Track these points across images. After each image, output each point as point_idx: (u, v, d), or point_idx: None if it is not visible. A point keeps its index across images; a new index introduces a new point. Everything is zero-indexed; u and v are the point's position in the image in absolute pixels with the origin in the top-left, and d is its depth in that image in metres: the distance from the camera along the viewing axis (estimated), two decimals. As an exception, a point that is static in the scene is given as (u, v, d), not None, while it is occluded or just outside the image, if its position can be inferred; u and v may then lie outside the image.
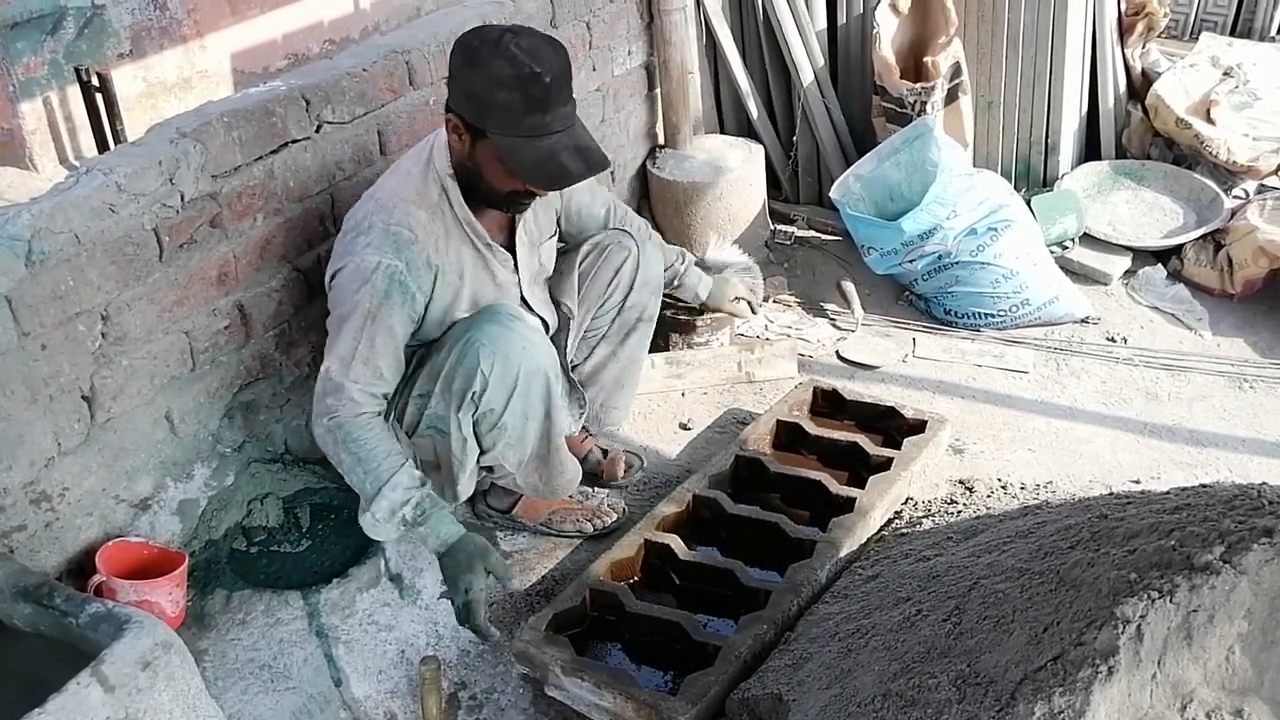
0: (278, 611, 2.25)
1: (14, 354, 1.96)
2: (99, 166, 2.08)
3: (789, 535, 2.48)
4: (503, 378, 2.18)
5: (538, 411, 2.28)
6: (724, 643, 2.19)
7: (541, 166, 2.07)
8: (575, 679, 2.13)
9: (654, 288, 2.64)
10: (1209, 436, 2.96)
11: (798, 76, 3.73)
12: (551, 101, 2.04)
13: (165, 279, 2.20)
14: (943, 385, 3.17)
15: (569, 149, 2.08)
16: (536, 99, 2.02)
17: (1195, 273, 3.51)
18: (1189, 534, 1.73)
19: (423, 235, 2.17)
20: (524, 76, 2.00)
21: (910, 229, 3.25)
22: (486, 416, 2.23)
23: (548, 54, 2.04)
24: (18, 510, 2.04)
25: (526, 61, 2.00)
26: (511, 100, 2.02)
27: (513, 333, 2.20)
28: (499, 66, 2.01)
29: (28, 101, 4.44)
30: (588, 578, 2.36)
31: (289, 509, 2.49)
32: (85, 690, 1.64)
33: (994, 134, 3.79)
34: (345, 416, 2.11)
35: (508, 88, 2.01)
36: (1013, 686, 1.68)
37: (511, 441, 2.29)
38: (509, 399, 2.21)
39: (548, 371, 2.26)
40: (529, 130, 2.04)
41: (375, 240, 2.12)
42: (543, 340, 2.28)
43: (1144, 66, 3.90)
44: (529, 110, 2.03)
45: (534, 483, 2.46)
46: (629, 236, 2.57)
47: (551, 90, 2.04)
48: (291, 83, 2.41)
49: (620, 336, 2.65)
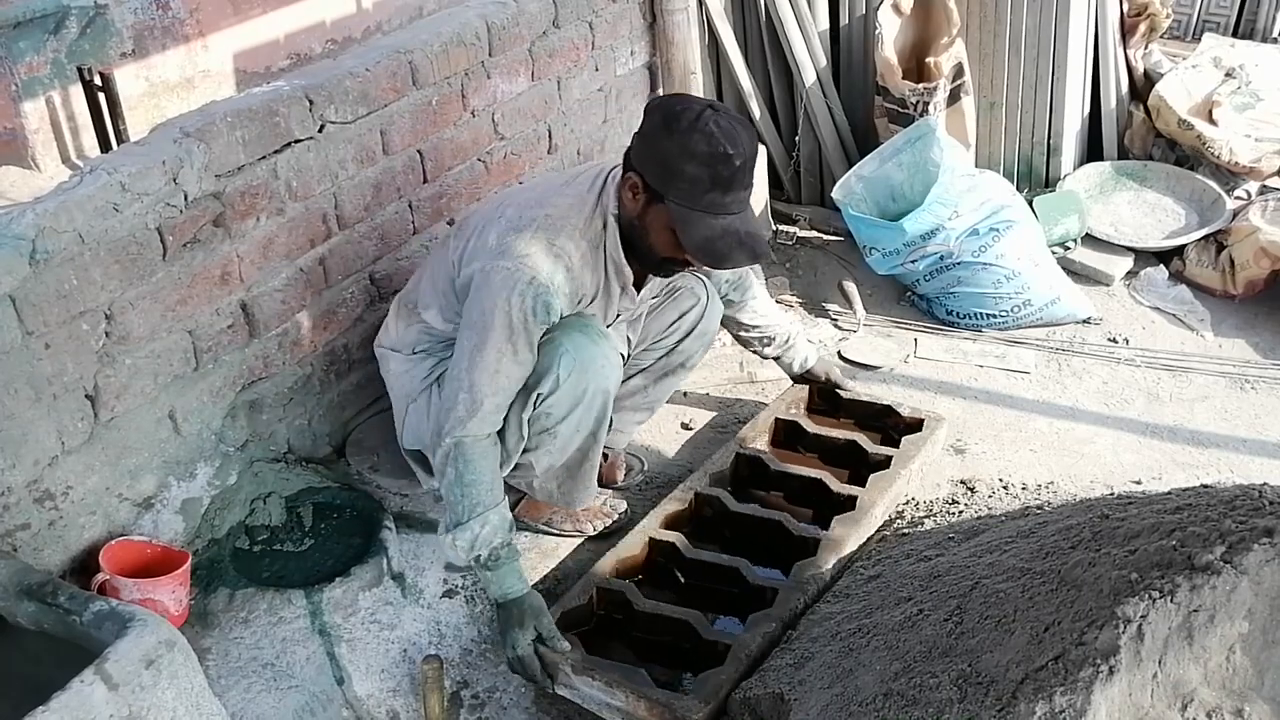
0: (280, 610, 2.25)
1: (18, 353, 1.96)
2: (103, 166, 2.09)
3: (792, 533, 2.49)
4: (573, 388, 2.20)
5: (588, 429, 2.30)
6: (734, 641, 2.20)
7: (711, 244, 2.11)
8: (586, 678, 2.13)
9: (707, 341, 2.67)
10: (1210, 437, 2.97)
11: (800, 77, 3.73)
12: (735, 184, 2.08)
13: (169, 278, 2.21)
14: (944, 386, 3.17)
15: (739, 233, 2.11)
16: (723, 179, 2.06)
17: (1197, 273, 3.51)
18: (1190, 534, 1.73)
19: (578, 266, 2.18)
20: (717, 155, 2.04)
21: (912, 229, 3.26)
22: (542, 418, 2.24)
23: (743, 138, 2.08)
24: (22, 509, 2.05)
25: (722, 141, 2.04)
26: (699, 175, 2.05)
27: (597, 348, 2.21)
28: (696, 140, 2.04)
29: (30, 101, 4.44)
30: (594, 576, 2.36)
31: (292, 508, 2.49)
32: (89, 688, 1.65)
33: (996, 134, 3.79)
34: (474, 435, 2.15)
35: (699, 162, 2.05)
36: (1014, 686, 1.68)
37: (554, 449, 2.31)
38: (571, 409, 2.23)
39: (610, 394, 2.28)
40: (707, 207, 2.08)
41: (536, 254, 2.12)
42: (619, 363, 2.31)
43: (1146, 67, 3.91)
44: (713, 188, 2.07)
45: (551, 489, 2.46)
46: (702, 286, 2.60)
47: (738, 174, 2.08)
48: (295, 83, 2.41)
49: (658, 375, 2.67)
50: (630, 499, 2.73)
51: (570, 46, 3.14)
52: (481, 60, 2.81)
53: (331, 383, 2.67)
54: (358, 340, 2.69)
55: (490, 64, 2.84)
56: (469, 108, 2.82)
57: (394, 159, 2.65)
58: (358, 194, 2.58)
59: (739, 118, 2.13)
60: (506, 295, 2.10)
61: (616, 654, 2.29)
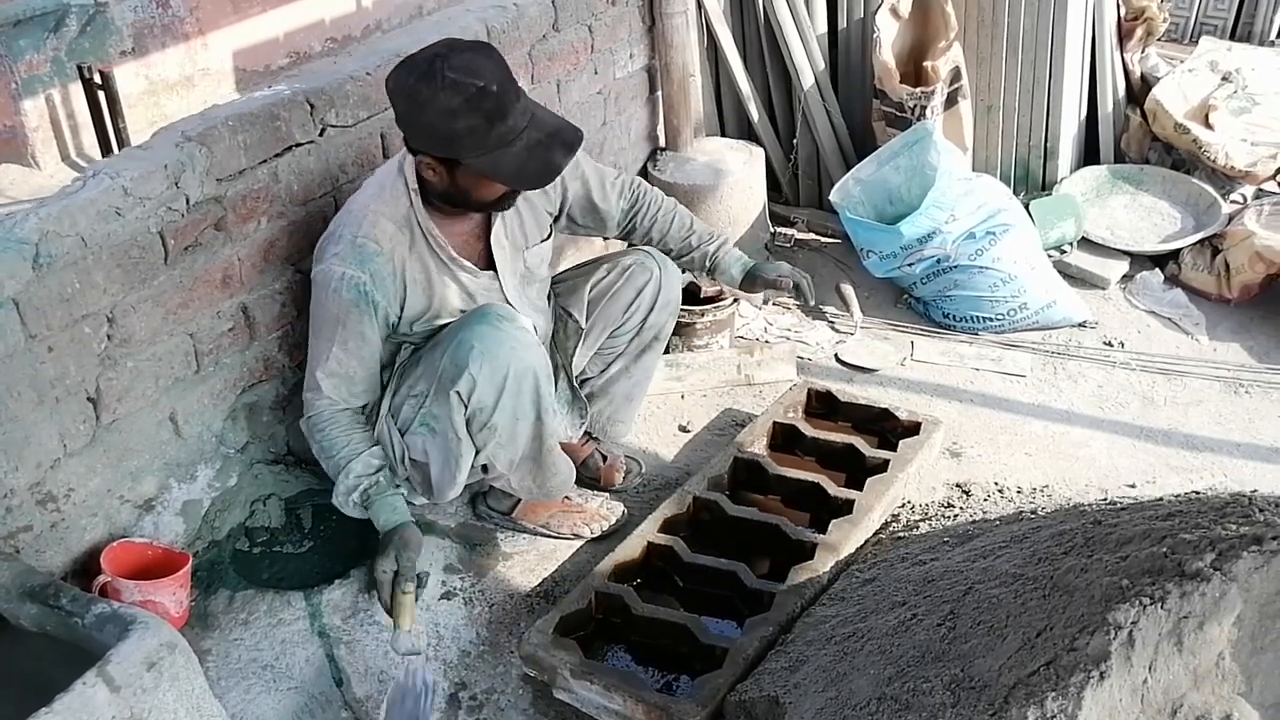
0: (280, 612, 2.27)
1: (21, 356, 1.98)
2: (105, 170, 2.10)
3: (790, 537, 2.50)
4: (491, 377, 2.20)
5: (528, 413, 2.30)
6: (731, 645, 2.21)
7: (526, 169, 2.13)
8: (584, 681, 2.15)
9: (672, 310, 2.67)
10: (1204, 441, 2.99)
11: (798, 80, 3.75)
12: (506, 107, 2.07)
13: (170, 282, 2.22)
14: (941, 388, 3.19)
15: (543, 140, 2.12)
16: (493, 111, 2.05)
17: (1192, 277, 3.53)
18: (1181, 541, 1.75)
19: (388, 247, 2.22)
20: (472, 94, 2.03)
21: (909, 233, 3.27)
22: (477, 416, 2.25)
23: (481, 63, 2.06)
24: (24, 511, 2.06)
25: (469, 81, 2.02)
26: (474, 124, 2.05)
27: (501, 333, 2.21)
28: (445, 98, 2.03)
29: (30, 99, 4.46)
30: (593, 580, 2.38)
31: (291, 510, 2.51)
32: (91, 690, 1.67)
33: (993, 138, 3.81)
34: (318, 410, 2.27)
35: (463, 114, 2.04)
36: (1006, 691, 1.70)
37: (502, 442, 2.31)
38: (498, 398, 2.23)
39: (538, 373, 2.27)
40: (499, 139, 2.08)
41: (343, 251, 2.20)
42: (533, 342, 2.30)
43: (1143, 71, 3.92)
44: (492, 124, 2.06)
45: (527, 485, 2.48)
46: (651, 258, 2.59)
47: (501, 96, 2.06)
48: (296, 86, 2.42)
49: (635, 355, 2.68)
50: (628, 501, 2.75)
51: (570, 49, 3.15)
52: (481, 64, 2.82)
53: (331, 384, 2.68)
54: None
55: (490, 67, 2.85)
56: (469, 111, 2.83)
57: (394, 162, 2.66)
58: (358, 197, 2.59)
59: (468, 45, 2.11)
60: (324, 295, 2.22)
61: (615, 658, 2.32)
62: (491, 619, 2.43)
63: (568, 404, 2.63)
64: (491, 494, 2.64)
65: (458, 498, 2.48)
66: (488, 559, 2.58)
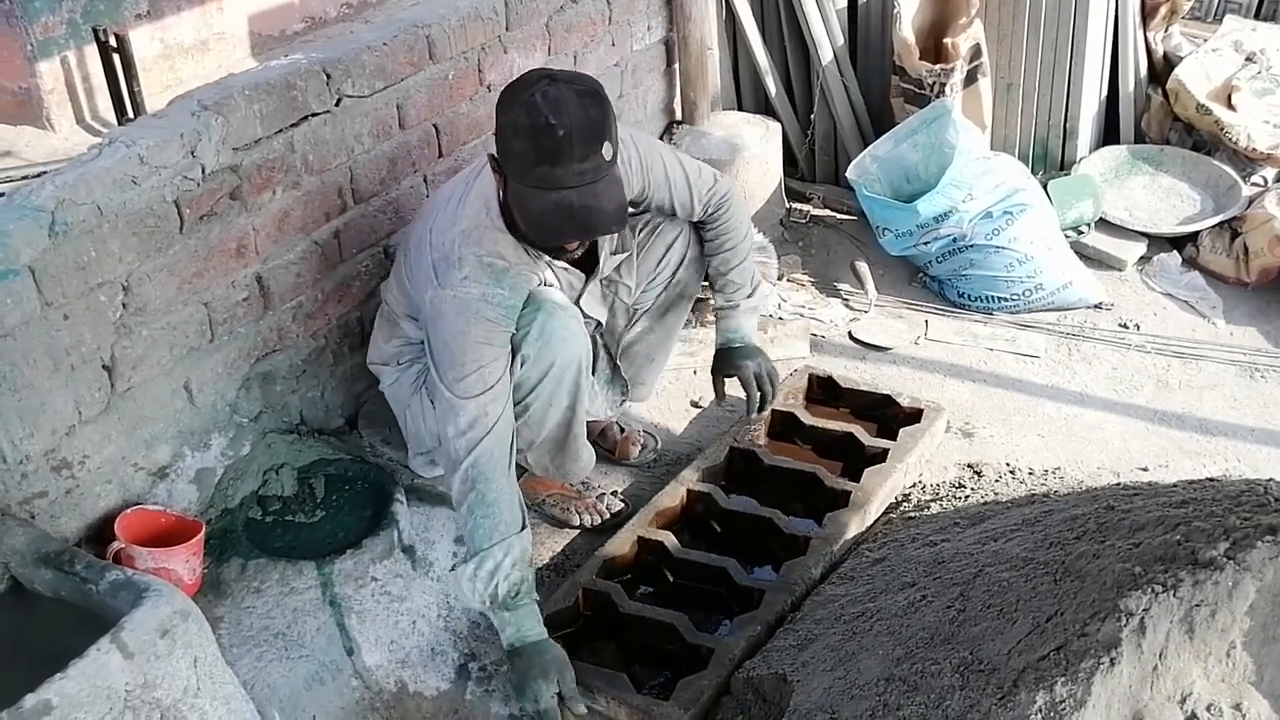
0: (292, 581, 2.28)
1: (37, 323, 1.98)
2: (121, 138, 2.09)
3: (783, 531, 2.49)
4: (538, 362, 2.20)
5: (562, 402, 2.30)
6: (717, 645, 2.20)
7: (541, 220, 2.03)
8: None
9: (700, 266, 2.62)
10: (1219, 425, 2.97)
11: (817, 55, 3.72)
12: (562, 155, 1.96)
13: (185, 251, 2.22)
14: (954, 368, 3.18)
15: (572, 207, 1.99)
16: (547, 151, 1.96)
17: (1211, 260, 3.50)
18: (1195, 529, 1.75)
19: (514, 260, 2.16)
20: (538, 126, 1.94)
21: (926, 211, 3.26)
22: (514, 392, 2.25)
23: (571, 106, 1.95)
24: (39, 477, 2.07)
25: (545, 111, 1.94)
26: (524, 149, 1.98)
27: (556, 319, 2.20)
28: (519, 113, 1.97)
29: (45, 61, 4.45)
30: (580, 577, 2.37)
31: (304, 479, 2.52)
32: (105, 656, 1.68)
33: (1012, 117, 3.77)
34: (488, 450, 2.10)
35: (523, 136, 1.97)
36: (1015, 675, 1.70)
37: (530, 422, 2.31)
38: (539, 382, 2.23)
39: (582, 364, 2.27)
40: (537, 182, 1.99)
41: (472, 274, 2.11)
42: (583, 331, 2.29)
43: (1166, 50, 3.88)
44: (538, 161, 1.97)
45: (545, 464, 2.48)
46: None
47: (564, 144, 1.95)
48: (312, 56, 2.41)
49: (661, 311, 2.64)
50: (641, 476, 2.76)
51: (587, 21, 3.13)
52: (499, 34, 2.81)
53: (345, 355, 2.69)
54: (371, 314, 2.70)
55: (507, 38, 2.84)
56: (485, 82, 2.81)
57: (410, 133, 2.65)
58: (373, 168, 2.58)
59: (581, 88, 1.99)
60: (465, 322, 2.10)
61: (603, 654, 2.30)
62: None
63: (607, 382, 2.62)
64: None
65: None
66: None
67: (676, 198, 2.41)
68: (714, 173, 2.50)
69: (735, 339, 2.61)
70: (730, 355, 2.60)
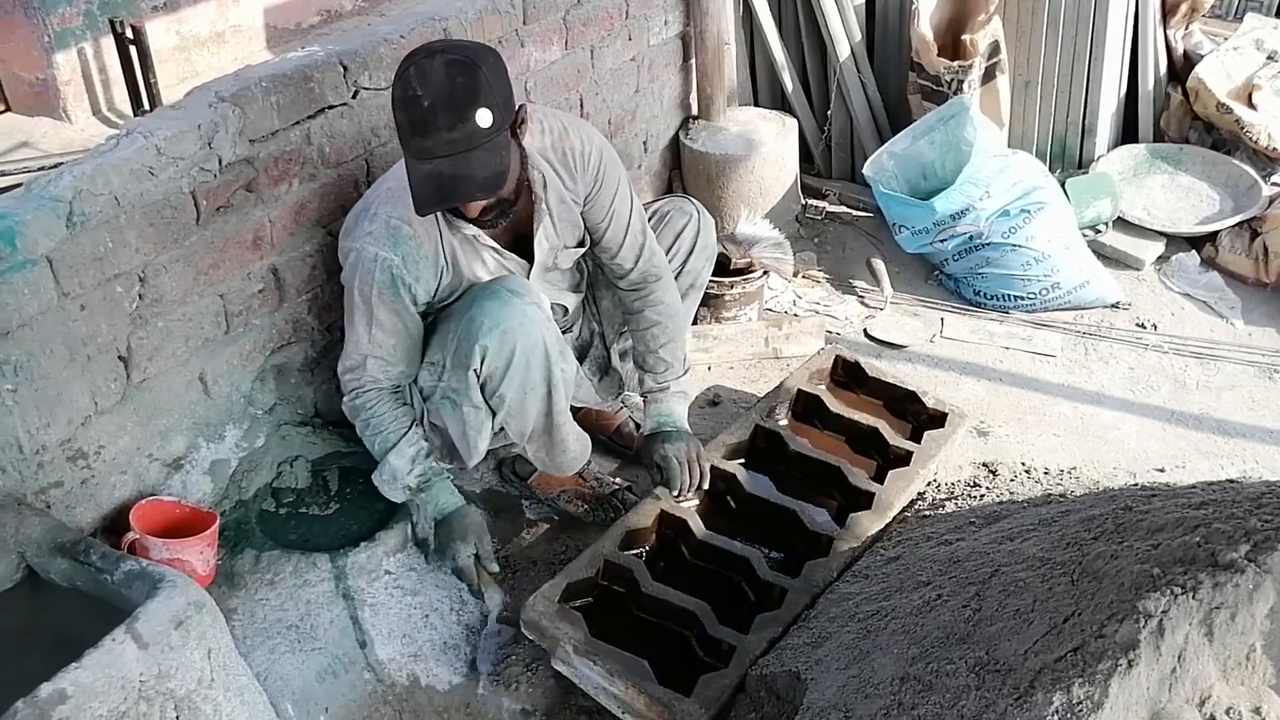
0: (305, 573, 2.28)
1: (54, 314, 1.98)
2: (139, 129, 2.09)
3: (806, 526, 2.47)
4: (499, 351, 2.20)
5: (538, 388, 2.29)
6: (739, 642, 2.18)
7: (414, 190, 2.06)
8: (587, 660, 2.13)
9: (709, 255, 2.67)
10: (1236, 427, 2.95)
11: (834, 50, 3.70)
12: (429, 126, 1.99)
13: (201, 242, 2.22)
14: (969, 367, 3.17)
15: (441, 176, 2.03)
16: (416, 122, 2.01)
17: (1229, 260, 3.48)
18: (1215, 531, 1.73)
19: (420, 230, 2.20)
20: (408, 98, 2.00)
21: (942, 209, 3.24)
22: (488, 384, 2.26)
23: (438, 77, 1.98)
24: (55, 467, 2.07)
25: (414, 83, 1.99)
26: (400, 120, 2.04)
27: (509, 307, 2.20)
28: (395, 87, 2.03)
29: (63, 52, 4.46)
30: (603, 548, 2.36)
31: (318, 472, 2.52)
32: (120, 646, 1.68)
33: (1030, 114, 3.75)
34: (360, 389, 2.31)
35: (396, 107, 2.03)
36: (1031, 675, 1.69)
37: (511, 413, 2.31)
38: (506, 371, 2.23)
39: (548, 347, 2.25)
40: (415, 152, 2.04)
41: (377, 231, 2.19)
42: (542, 316, 2.27)
43: (1186, 48, 3.85)
44: (412, 132, 2.02)
45: (541, 457, 2.48)
46: (689, 203, 2.59)
47: (429, 115, 1.99)
48: (329, 48, 2.41)
49: None
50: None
51: (604, 15, 3.11)
52: (515, 28, 2.80)
53: (359, 348, 2.68)
54: (386, 306, 2.70)
55: (524, 32, 2.83)
56: (502, 76, 2.80)
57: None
58: (390, 160, 2.57)
59: (456, 55, 2.01)
60: (356, 276, 2.21)
61: (617, 628, 2.27)
62: (515, 584, 2.44)
63: (600, 370, 2.61)
64: (517, 460, 2.65)
65: (485, 465, 2.48)
66: (511, 525, 2.59)
67: (620, 232, 2.42)
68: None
69: (666, 424, 2.58)
70: (660, 439, 2.56)
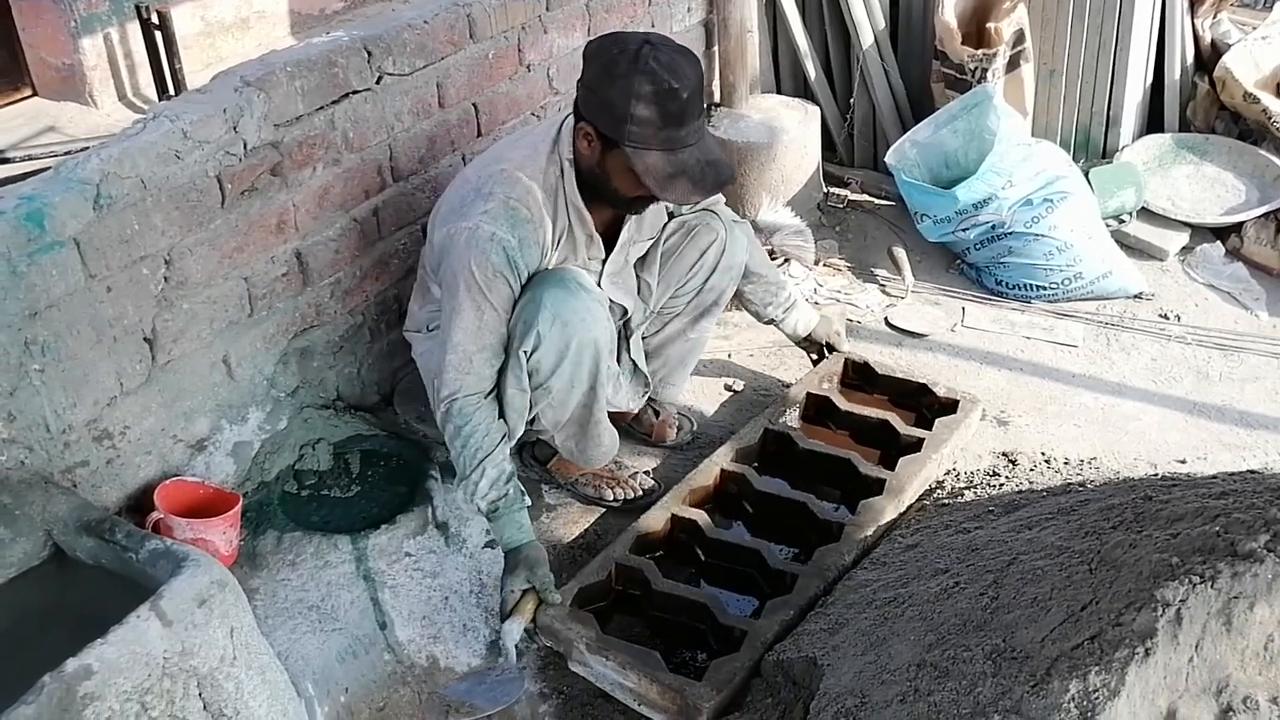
0: (327, 554, 2.30)
1: (81, 295, 2.01)
2: (165, 113, 2.11)
3: (816, 516, 2.48)
4: (556, 341, 2.21)
5: (583, 382, 2.31)
6: (750, 627, 2.20)
7: (673, 181, 2.12)
8: (600, 657, 2.15)
9: (735, 274, 2.65)
10: (1259, 419, 2.94)
11: (857, 38, 3.69)
12: (686, 116, 2.08)
13: (226, 225, 2.24)
14: (990, 356, 3.16)
15: (700, 164, 2.13)
16: (673, 114, 2.07)
17: (1255, 252, 3.45)
18: (1234, 521, 1.73)
19: (537, 215, 2.20)
20: (663, 92, 2.04)
21: (965, 198, 3.23)
22: (535, 373, 2.27)
23: (685, 68, 2.08)
24: (81, 447, 2.10)
25: (666, 77, 2.04)
26: (649, 115, 2.06)
27: (576, 299, 2.21)
28: (639, 82, 2.04)
29: (89, 37, 4.49)
30: (614, 552, 2.37)
31: (339, 454, 2.54)
32: (144, 623, 1.70)
33: (1055, 103, 3.73)
34: (467, 391, 2.23)
35: (645, 102, 2.05)
36: (1048, 663, 1.69)
37: (553, 404, 2.33)
38: (558, 363, 2.24)
39: (601, 346, 2.27)
40: (664, 144, 2.09)
41: (494, 210, 2.16)
42: (604, 314, 2.30)
43: (1214, 37, 3.82)
44: (665, 125, 2.07)
45: (570, 447, 2.49)
46: (717, 219, 2.57)
47: (688, 105, 2.08)
48: (354, 33, 2.42)
49: (693, 317, 2.66)
50: (674, 458, 2.76)
51: (627, 2, 3.12)
52: (539, 14, 2.81)
53: (381, 332, 2.70)
54: (408, 291, 2.71)
55: (547, 18, 2.84)
56: (525, 62, 2.82)
57: (449, 112, 2.66)
58: (413, 146, 2.59)
59: (678, 47, 2.12)
60: (471, 255, 2.15)
61: (633, 631, 2.29)
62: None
63: (630, 373, 2.63)
64: (537, 444, 2.66)
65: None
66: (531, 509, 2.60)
67: None
68: None
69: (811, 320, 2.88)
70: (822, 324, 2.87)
